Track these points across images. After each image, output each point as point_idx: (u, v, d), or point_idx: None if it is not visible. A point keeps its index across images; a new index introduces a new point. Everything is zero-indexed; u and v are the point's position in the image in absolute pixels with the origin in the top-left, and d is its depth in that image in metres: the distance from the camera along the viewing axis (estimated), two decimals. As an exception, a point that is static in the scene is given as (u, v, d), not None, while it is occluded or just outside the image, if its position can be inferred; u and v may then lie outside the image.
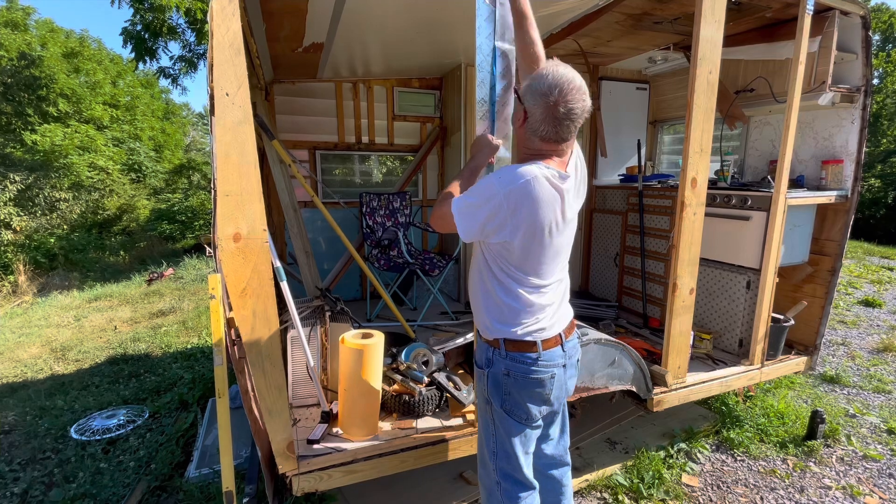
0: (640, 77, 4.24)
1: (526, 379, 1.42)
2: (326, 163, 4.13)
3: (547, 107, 1.23)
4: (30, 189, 11.12)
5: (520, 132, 1.35)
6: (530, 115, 1.27)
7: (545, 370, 1.43)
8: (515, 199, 1.26)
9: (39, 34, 13.25)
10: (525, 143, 1.35)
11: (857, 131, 2.84)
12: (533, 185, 1.25)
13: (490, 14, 1.56)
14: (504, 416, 1.47)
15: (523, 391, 1.43)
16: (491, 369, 1.47)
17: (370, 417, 2.02)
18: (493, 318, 1.45)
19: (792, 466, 2.63)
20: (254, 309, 1.54)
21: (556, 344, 1.45)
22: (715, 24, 2.10)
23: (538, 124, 1.27)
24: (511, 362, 1.42)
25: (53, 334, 5.54)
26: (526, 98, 1.28)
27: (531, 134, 1.30)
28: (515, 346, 1.42)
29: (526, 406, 1.45)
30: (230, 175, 1.43)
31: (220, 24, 1.37)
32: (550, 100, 1.21)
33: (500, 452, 1.50)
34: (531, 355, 1.41)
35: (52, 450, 2.90)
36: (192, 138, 22.28)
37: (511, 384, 1.44)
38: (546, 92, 1.22)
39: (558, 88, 1.21)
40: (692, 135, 2.17)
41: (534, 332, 1.42)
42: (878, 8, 18.70)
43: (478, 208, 1.29)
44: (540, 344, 1.41)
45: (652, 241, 3.51)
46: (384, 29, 2.79)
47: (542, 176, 1.26)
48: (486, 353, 1.49)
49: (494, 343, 1.46)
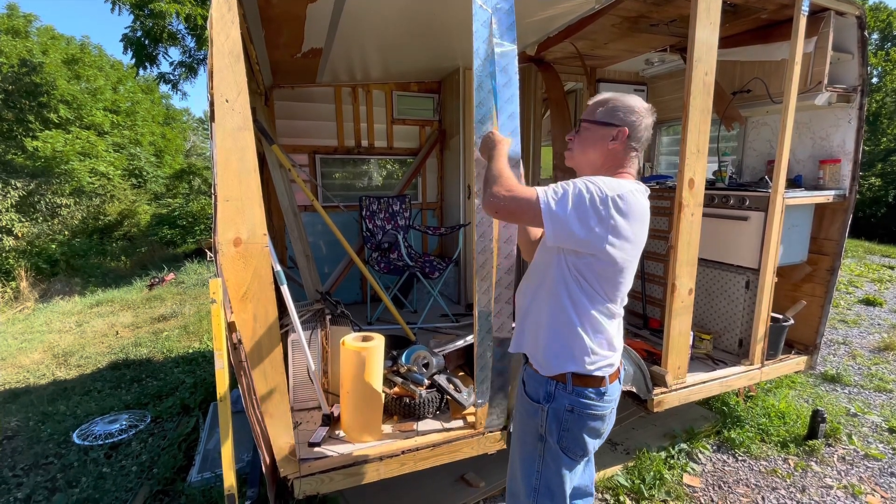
0: (638, 79, 4.26)
1: (590, 416, 1.35)
2: (326, 167, 4.15)
3: (647, 119, 1.33)
4: (31, 195, 11.18)
5: (614, 149, 1.34)
6: (634, 129, 1.32)
7: (607, 405, 1.37)
8: (623, 210, 1.20)
9: (40, 41, 13.32)
10: (614, 160, 1.35)
11: (854, 131, 2.85)
12: (638, 198, 1.24)
13: (487, 19, 1.58)
14: (559, 454, 1.39)
15: (584, 427, 1.36)
16: (552, 404, 1.37)
17: (373, 420, 2.02)
18: (563, 348, 1.34)
19: (793, 466, 2.63)
20: (255, 313, 1.56)
21: (616, 377, 1.39)
22: (710, 26, 2.12)
23: (641, 133, 1.33)
24: (576, 398, 1.34)
25: (55, 340, 5.56)
26: (621, 117, 1.32)
27: (632, 147, 1.34)
28: (583, 381, 1.34)
29: (584, 442, 1.38)
30: (230, 180, 1.45)
31: (219, 32, 1.38)
32: (646, 113, 1.33)
33: (542, 490, 1.43)
34: (600, 390, 1.34)
35: (55, 455, 2.91)
36: (192, 143, 22.34)
37: (573, 421, 1.36)
38: (637, 107, 1.33)
39: (641, 105, 1.34)
40: (689, 136, 2.19)
41: (604, 366, 1.34)
42: (877, 6, 18.73)
43: (577, 210, 1.19)
44: (607, 378, 1.35)
45: (650, 241, 3.51)
46: (382, 34, 2.81)
47: (643, 193, 1.27)
48: (545, 386, 1.39)
49: (559, 377, 1.36)
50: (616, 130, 1.32)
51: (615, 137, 1.33)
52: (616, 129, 1.32)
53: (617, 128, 1.32)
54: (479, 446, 2.09)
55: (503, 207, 1.25)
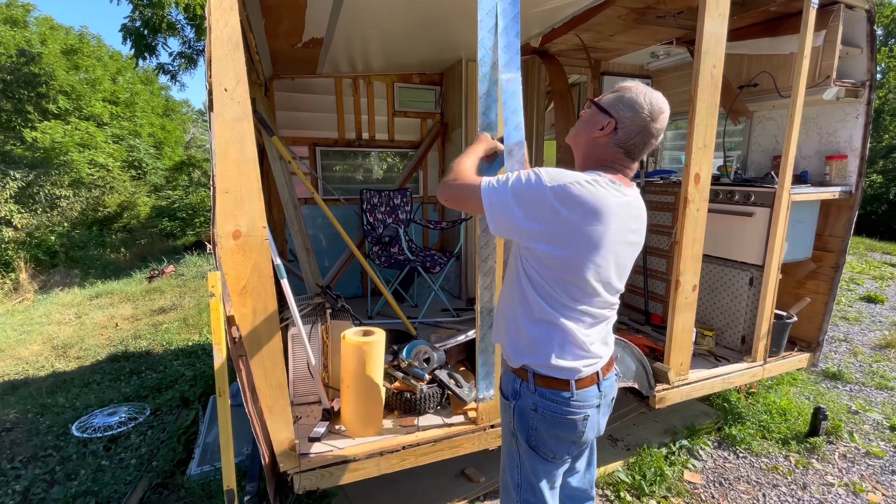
0: (643, 72, 4.21)
1: (555, 419, 1.29)
2: (327, 159, 4.11)
3: (644, 122, 1.22)
4: (30, 186, 11.13)
5: (599, 140, 1.26)
6: (622, 126, 1.23)
7: (578, 411, 1.29)
8: (566, 201, 1.13)
9: (39, 31, 13.21)
10: (598, 152, 1.27)
11: (861, 126, 2.82)
12: (590, 189, 1.14)
13: (492, 8, 1.55)
14: (530, 452, 1.36)
15: (551, 430, 1.31)
16: (518, 402, 1.34)
17: (374, 415, 2.01)
18: (519, 343, 1.32)
19: (794, 463, 2.63)
20: (254, 307, 1.53)
21: (592, 383, 1.31)
22: (719, 18, 2.08)
23: (630, 137, 1.23)
24: (540, 398, 1.29)
25: (55, 332, 5.55)
26: (618, 109, 1.23)
27: (615, 144, 1.25)
28: (545, 381, 1.29)
29: (553, 445, 1.33)
30: (229, 172, 1.42)
31: (218, 19, 1.35)
32: (648, 117, 1.22)
33: (524, 485, 1.41)
34: (563, 394, 1.28)
35: (54, 447, 2.91)
36: (192, 135, 22.24)
37: (539, 420, 1.31)
38: (645, 107, 1.22)
39: (656, 107, 1.23)
40: (695, 130, 2.15)
41: (567, 369, 1.27)
42: (882, 2, 18.58)
43: (517, 199, 1.16)
44: (573, 383, 1.28)
45: (654, 237, 3.49)
46: (384, 24, 2.77)
47: (605, 186, 1.18)
48: (512, 383, 1.36)
49: (521, 373, 1.32)
50: (606, 121, 1.25)
51: (603, 128, 1.25)
52: (606, 120, 1.25)
53: (608, 118, 1.24)
54: (480, 442, 2.08)
55: (451, 195, 1.28)
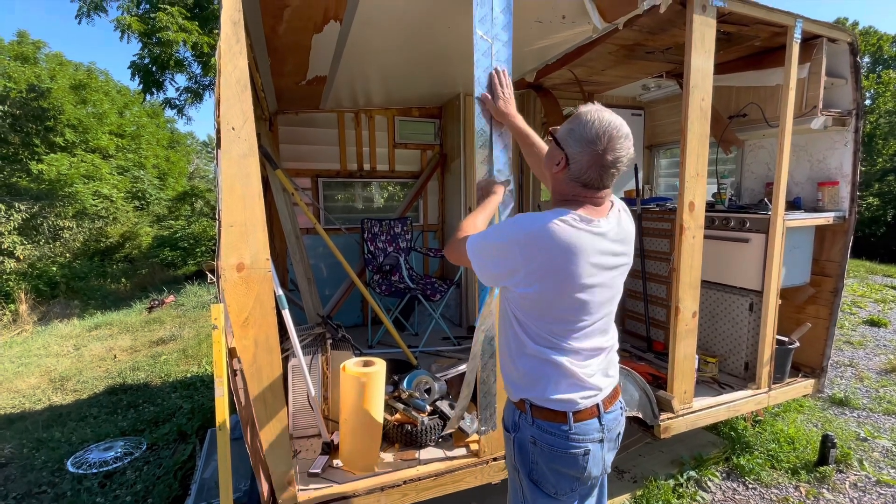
0: (635, 103, 4.34)
1: (554, 452, 1.26)
2: (328, 190, 4.19)
3: (594, 154, 1.15)
4: (34, 218, 11.24)
5: (557, 175, 1.23)
6: (573, 162, 1.18)
7: (578, 445, 1.25)
8: (531, 245, 1.15)
9: (49, 67, 13.62)
10: (560, 188, 1.25)
11: (850, 153, 2.89)
12: (551, 231, 1.13)
13: (487, 49, 1.62)
14: (532, 487, 1.32)
15: (551, 464, 1.28)
16: (517, 434, 1.32)
17: (370, 450, 1.98)
18: (515, 378, 1.31)
19: (805, 494, 2.56)
20: (256, 338, 1.54)
21: (592, 416, 1.27)
22: (705, 54, 2.16)
23: (581, 171, 1.18)
24: (538, 431, 1.27)
25: (52, 364, 5.50)
26: (568, 143, 1.18)
27: (571, 180, 1.20)
28: (543, 413, 1.26)
29: (554, 480, 1.29)
30: (235, 206, 1.46)
31: (227, 62, 1.41)
32: (598, 148, 1.14)
33: None
34: (562, 427, 1.25)
35: (49, 483, 2.85)
36: (195, 166, 22.59)
37: (539, 454, 1.28)
38: (593, 139, 1.14)
39: (607, 136, 1.14)
40: (688, 160, 2.21)
41: (564, 400, 1.25)
42: (867, 31, 19.23)
43: (493, 251, 1.22)
44: (571, 415, 1.25)
45: (653, 263, 3.52)
46: (385, 62, 2.88)
47: (563, 221, 1.15)
48: (512, 415, 1.35)
49: (520, 405, 1.31)
50: (560, 156, 1.20)
51: (559, 163, 1.21)
52: (560, 155, 1.20)
53: (561, 153, 1.20)
54: (483, 475, 2.04)
55: (452, 251, 1.36)
